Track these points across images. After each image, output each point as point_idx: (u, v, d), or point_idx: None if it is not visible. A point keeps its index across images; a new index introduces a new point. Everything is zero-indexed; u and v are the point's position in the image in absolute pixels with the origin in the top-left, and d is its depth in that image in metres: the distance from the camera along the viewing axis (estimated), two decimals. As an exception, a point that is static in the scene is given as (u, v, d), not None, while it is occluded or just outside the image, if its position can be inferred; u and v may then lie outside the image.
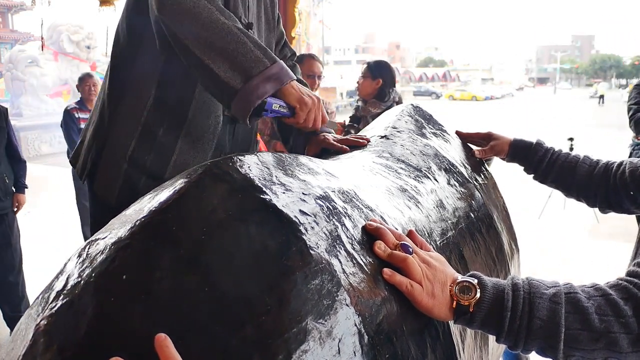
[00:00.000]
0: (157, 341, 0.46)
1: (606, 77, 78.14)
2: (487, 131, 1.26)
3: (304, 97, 0.99)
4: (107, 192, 1.17)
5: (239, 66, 0.93)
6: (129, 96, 1.16)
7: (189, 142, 1.17)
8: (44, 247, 3.94)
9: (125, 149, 1.15)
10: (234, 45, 0.94)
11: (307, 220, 0.62)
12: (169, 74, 1.14)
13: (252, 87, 0.93)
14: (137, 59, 1.15)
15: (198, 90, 1.15)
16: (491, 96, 41.24)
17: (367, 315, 0.59)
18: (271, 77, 0.95)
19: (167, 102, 1.15)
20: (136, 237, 0.55)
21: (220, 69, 0.93)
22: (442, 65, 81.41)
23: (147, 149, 1.15)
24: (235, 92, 0.93)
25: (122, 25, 1.18)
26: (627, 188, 1.04)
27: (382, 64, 2.97)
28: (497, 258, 1.05)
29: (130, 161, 1.15)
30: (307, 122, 1.00)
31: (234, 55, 0.94)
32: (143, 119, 1.14)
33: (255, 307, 0.52)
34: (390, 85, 2.86)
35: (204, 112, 1.18)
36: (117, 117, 1.17)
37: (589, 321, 0.64)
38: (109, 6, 4.41)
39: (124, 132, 1.15)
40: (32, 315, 0.55)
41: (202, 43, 0.94)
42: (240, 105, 0.94)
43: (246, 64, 0.94)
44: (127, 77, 1.16)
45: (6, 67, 12.33)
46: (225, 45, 0.94)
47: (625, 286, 0.67)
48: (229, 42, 0.94)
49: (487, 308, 0.67)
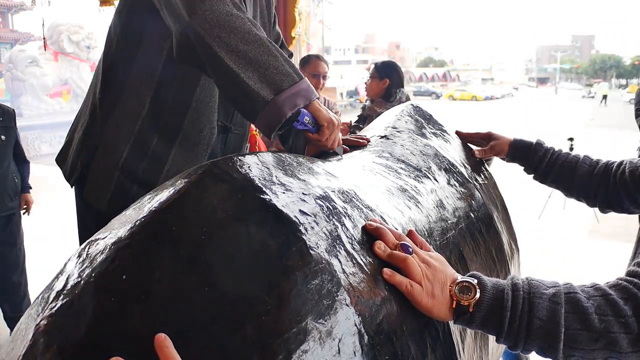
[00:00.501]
0: (157, 341, 0.46)
1: (606, 77, 78.14)
2: (487, 131, 1.26)
3: (332, 117, 1.00)
4: (98, 198, 1.16)
5: (270, 79, 0.93)
6: (123, 102, 1.15)
7: (183, 152, 1.17)
8: (44, 247, 3.94)
9: (118, 156, 1.14)
10: (266, 57, 0.94)
11: (307, 220, 0.62)
12: (166, 82, 1.13)
13: (282, 100, 0.93)
14: (134, 64, 1.14)
15: (195, 100, 1.15)
16: (491, 96, 41.24)
17: (367, 315, 0.59)
18: (300, 92, 0.95)
19: (163, 111, 1.14)
20: (136, 237, 0.55)
21: (250, 79, 0.93)
22: (442, 65, 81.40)
23: (140, 157, 1.14)
24: (265, 104, 0.93)
25: (116, 28, 1.16)
26: (627, 188, 1.04)
27: (389, 64, 2.99)
28: (497, 258, 1.05)
29: (123, 169, 1.14)
30: (327, 141, 1.01)
31: (265, 67, 0.93)
32: (138, 126, 1.13)
33: (255, 307, 0.52)
34: (397, 86, 2.88)
35: (200, 123, 1.17)
36: (110, 122, 1.15)
37: (589, 321, 0.64)
38: (109, 6, 4.41)
39: (117, 139, 1.14)
40: (32, 315, 0.55)
41: (235, 53, 0.93)
42: (268, 117, 0.94)
43: (277, 77, 0.94)
44: (122, 82, 1.15)
45: (6, 67, 12.34)
46: (257, 57, 0.93)
47: (625, 286, 0.67)
48: (262, 53, 0.94)
49: (487, 308, 0.67)
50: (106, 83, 1.18)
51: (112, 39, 1.18)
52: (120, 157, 1.14)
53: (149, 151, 1.14)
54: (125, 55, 1.15)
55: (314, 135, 1.00)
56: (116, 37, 1.16)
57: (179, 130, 1.16)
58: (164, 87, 1.13)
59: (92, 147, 1.17)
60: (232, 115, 1.27)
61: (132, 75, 1.14)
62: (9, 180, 2.74)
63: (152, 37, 1.12)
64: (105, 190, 1.15)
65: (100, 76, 1.19)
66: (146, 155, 1.14)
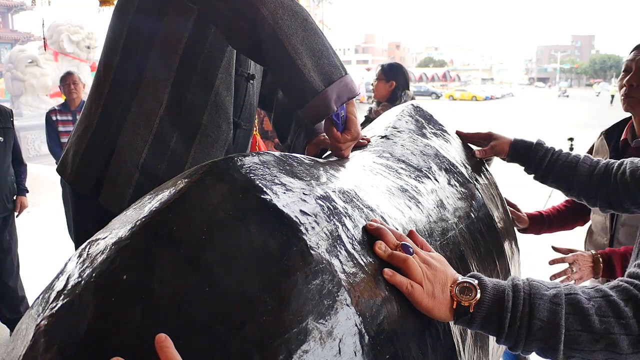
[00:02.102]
0: (158, 342, 0.46)
1: (606, 77, 78.10)
2: (488, 131, 1.26)
3: (359, 124, 1.01)
4: (115, 200, 1.10)
5: (322, 69, 0.94)
6: (139, 102, 1.11)
7: (203, 149, 1.15)
8: (44, 247, 3.95)
9: (137, 157, 1.10)
10: (320, 47, 0.95)
11: (308, 220, 0.62)
12: (184, 79, 1.11)
13: (331, 92, 0.94)
14: (147, 64, 1.11)
15: (213, 94, 1.13)
16: (491, 96, 41.25)
17: (367, 315, 0.59)
18: (347, 85, 0.96)
19: (180, 107, 1.12)
20: (136, 237, 0.55)
21: (305, 67, 0.93)
22: (442, 65, 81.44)
23: (160, 158, 1.11)
24: (316, 94, 0.93)
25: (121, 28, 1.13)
26: (627, 188, 1.04)
27: (395, 66, 3.01)
28: (498, 258, 1.05)
29: (143, 170, 1.10)
30: (343, 145, 1.00)
31: (318, 57, 0.94)
32: (156, 125, 1.10)
33: (255, 307, 0.52)
34: (404, 88, 2.90)
35: (219, 118, 1.16)
36: (126, 123, 1.11)
37: (590, 322, 0.64)
38: (109, 6, 4.41)
39: (135, 139, 1.10)
40: (33, 316, 0.55)
41: (294, 38, 0.93)
42: (316, 107, 0.94)
43: (328, 67, 0.95)
44: (136, 82, 1.11)
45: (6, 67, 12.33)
46: (313, 46, 0.94)
47: (626, 287, 0.67)
48: (316, 42, 0.95)
49: (487, 309, 0.67)
50: (117, 83, 1.14)
51: (117, 39, 1.14)
52: (139, 157, 1.10)
53: (168, 151, 1.12)
54: (136, 55, 1.12)
55: (337, 133, 0.99)
56: (122, 37, 1.13)
57: (198, 126, 1.14)
58: (181, 84, 1.11)
59: (106, 150, 1.12)
60: (241, 110, 1.26)
61: (147, 74, 1.11)
62: (7, 182, 2.74)
63: (166, 37, 1.09)
64: (124, 193, 1.10)
65: (109, 77, 1.14)
66: (166, 155, 1.12)
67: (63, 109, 3.75)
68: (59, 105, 3.80)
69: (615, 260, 1.33)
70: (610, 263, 1.34)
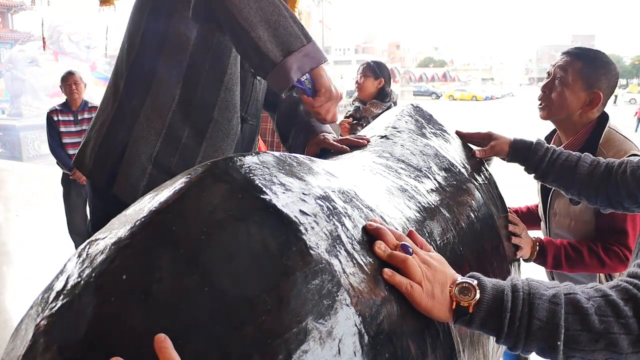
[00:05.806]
0: (157, 342, 0.46)
1: (606, 77, 77.92)
2: (487, 131, 1.26)
3: (331, 87, 0.99)
4: (129, 193, 1.13)
5: (279, 39, 0.93)
6: (153, 96, 1.14)
7: (213, 144, 1.16)
8: (44, 247, 3.95)
9: (150, 150, 1.13)
10: (276, 17, 0.93)
11: (307, 220, 0.62)
12: (195, 73, 1.13)
13: (290, 62, 0.92)
14: (160, 58, 1.13)
15: (223, 90, 1.15)
16: (491, 96, 41.25)
17: (367, 315, 0.59)
18: (308, 54, 0.95)
19: (191, 103, 1.14)
20: (136, 237, 0.55)
21: (260, 39, 0.92)
22: (442, 65, 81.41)
23: (172, 151, 1.14)
24: (274, 66, 0.93)
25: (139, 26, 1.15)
26: (628, 187, 1.04)
27: (381, 64, 3.02)
28: (497, 258, 1.05)
29: (156, 163, 1.13)
30: (321, 109, 1.00)
31: (275, 27, 0.93)
32: (168, 120, 1.13)
33: (255, 307, 0.52)
34: (389, 85, 2.91)
35: (229, 112, 1.17)
36: (140, 117, 1.14)
37: (589, 322, 0.64)
38: (109, 6, 4.40)
39: (148, 133, 1.13)
40: (32, 316, 0.55)
41: (245, 9, 0.92)
42: (277, 79, 0.94)
43: (286, 37, 0.93)
44: (150, 77, 1.14)
45: (6, 67, 12.33)
46: (267, 16, 0.93)
47: (626, 287, 0.67)
48: (272, 13, 0.93)
49: (487, 309, 0.67)
50: (132, 78, 1.16)
51: (134, 36, 1.16)
52: (152, 151, 1.13)
53: (180, 145, 1.14)
54: (150, 52, 1.15)
55: (308, 99, 0.99)
56: (139, 34, 1.15)
57: (210, 121, 1.15)
58: (192, 80, 1.13)
59: (121, 143, 1.15)
60: (248, 105, 1.27)
61: (160, 70, 1.13)
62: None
63: (176, 34, 1.11)
64: (137, 185, 1.14)
65: (125, 73, 1.17)
66: (178, 148, 1.14)
67: (64, 109, 3.72)
68: (59, 105, 3.77)
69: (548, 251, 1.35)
70: (543, 251, 1.34)
